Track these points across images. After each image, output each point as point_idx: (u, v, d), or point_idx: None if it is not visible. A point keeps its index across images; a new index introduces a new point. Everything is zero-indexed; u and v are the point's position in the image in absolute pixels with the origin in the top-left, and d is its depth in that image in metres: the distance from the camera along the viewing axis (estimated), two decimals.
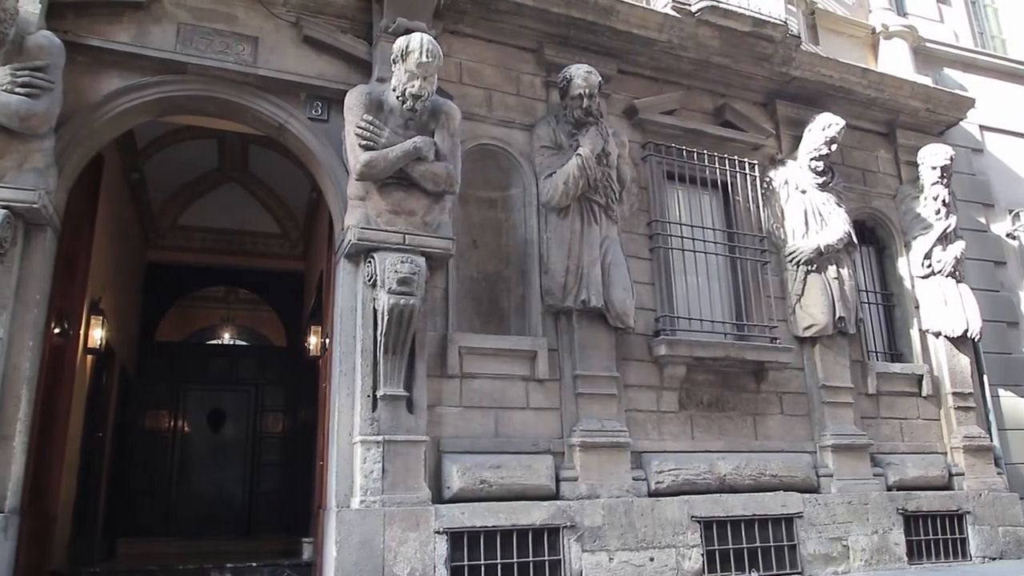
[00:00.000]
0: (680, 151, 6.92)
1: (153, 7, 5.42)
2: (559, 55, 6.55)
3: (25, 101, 4.52)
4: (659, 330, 6.40)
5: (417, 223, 5.41)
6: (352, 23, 5.97)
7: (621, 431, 5.92)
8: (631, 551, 5.63)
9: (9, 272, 4.66)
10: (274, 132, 5.88)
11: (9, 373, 4.62)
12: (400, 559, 4.98)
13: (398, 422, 5.20)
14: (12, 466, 4.55)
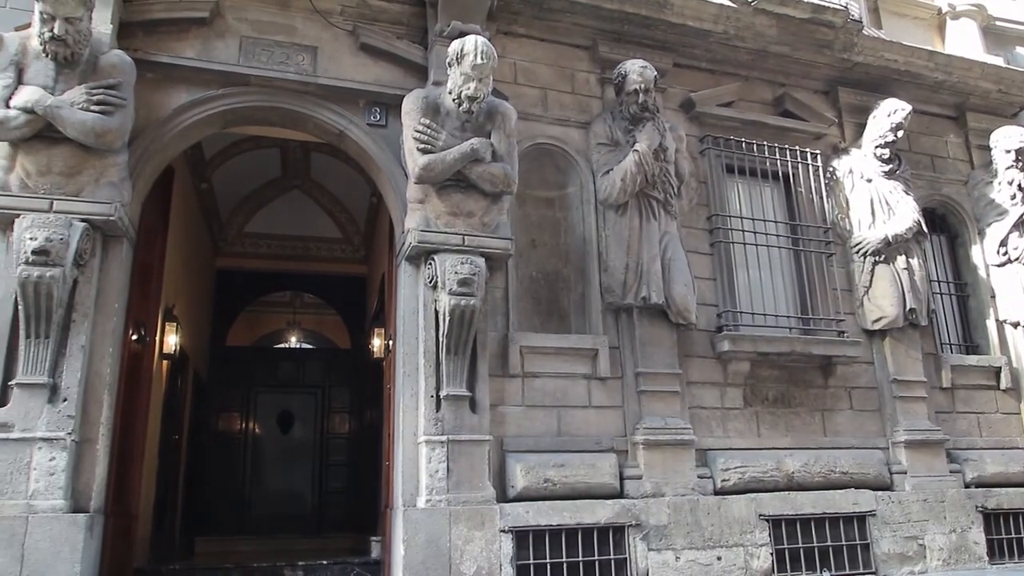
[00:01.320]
0: (739, 143, 6.81)
1: (216, 22, 5.60)
2: (613, 51, 6.52)
3: (100, 118, 4.71)
4: (721, 326, 6.31)
5: (476, 224, 5.46)
6: (407, 29, 6.05)
7: (685, 428, 5.86)
8: (698, 550, 5.57)
9: (89, 283, 4.86)
10: (334, 139, 6.01)
11: (91, 379, 4.82)
12: (467, 557, 5.03)
13: (461, 422, 5.26)
14: (97, 468, 4.76)
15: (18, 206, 4.65)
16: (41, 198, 4.68)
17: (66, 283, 4.64)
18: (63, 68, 4.72)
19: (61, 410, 4.61)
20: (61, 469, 4.52)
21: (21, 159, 4.68)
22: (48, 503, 4.45)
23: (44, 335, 4.60)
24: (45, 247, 4.49)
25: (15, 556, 4.31)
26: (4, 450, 4.45)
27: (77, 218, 4.71)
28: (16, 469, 4.45)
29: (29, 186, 4.69)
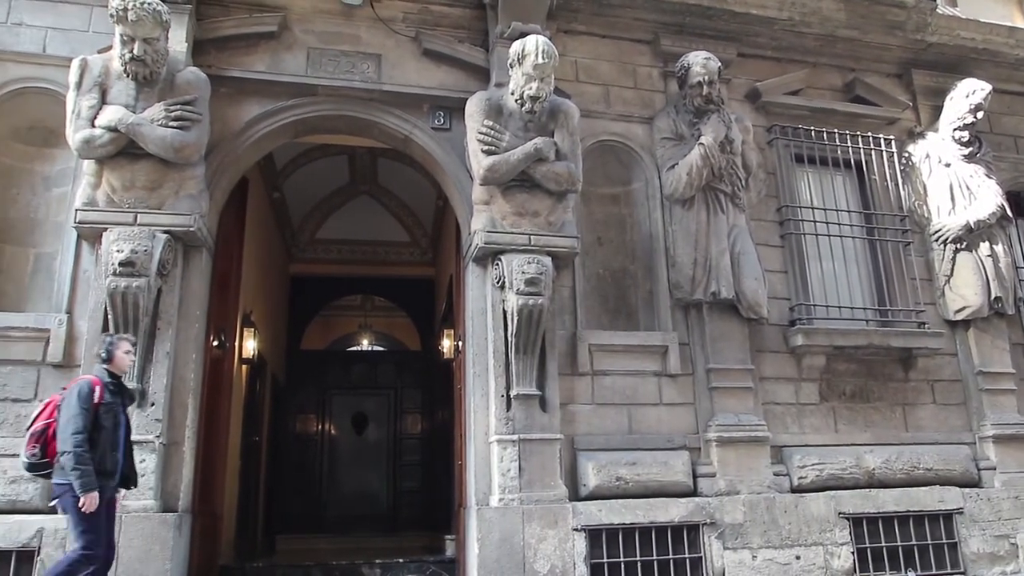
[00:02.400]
0: (808, 132, 6.65)
1: (284, 35, 5.76)
2: (675, 44, 6.45)
3: (178, 133, 4.91)
4: (794, 319, 6.17)
5: (541, 223, 5.48)
6: (468, 32, 6.11)
7: (759, 425, 5.76)
8: (775, 549, 5.46)
9: (172, 291, 5.08)
10: (400, 144, 6.11)
11: (176, 384, 5.03)
12: (540, 556, 5.05)
13: (532, 421, 5.29)
14: (183, 469, 4.97)
15: (105, 220, 4.90)
16: (126, 212, 4.92)
17: (151, 292, 4.86)
18: (143, 87, 4.94)
19: (149, 414, 4.83)
20: (151, 471, 4.73)
21: (107, 175, 4.92)
22: (140, 503, 4.66)
23: None
24: (131, 259, 4.72)
25: None
26: None
27: (159, 230, 4.93)
28: None
29: (115, 201, 4.93)
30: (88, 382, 4.04)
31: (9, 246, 5.24)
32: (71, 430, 3.88)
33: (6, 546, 4.47)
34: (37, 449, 4.01)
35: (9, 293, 5.16)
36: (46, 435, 4.01)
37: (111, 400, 4.08)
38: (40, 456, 4.01)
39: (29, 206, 5.34)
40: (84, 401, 3.95)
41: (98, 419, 3.98)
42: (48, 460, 4.01)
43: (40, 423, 4.04)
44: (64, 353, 4.91)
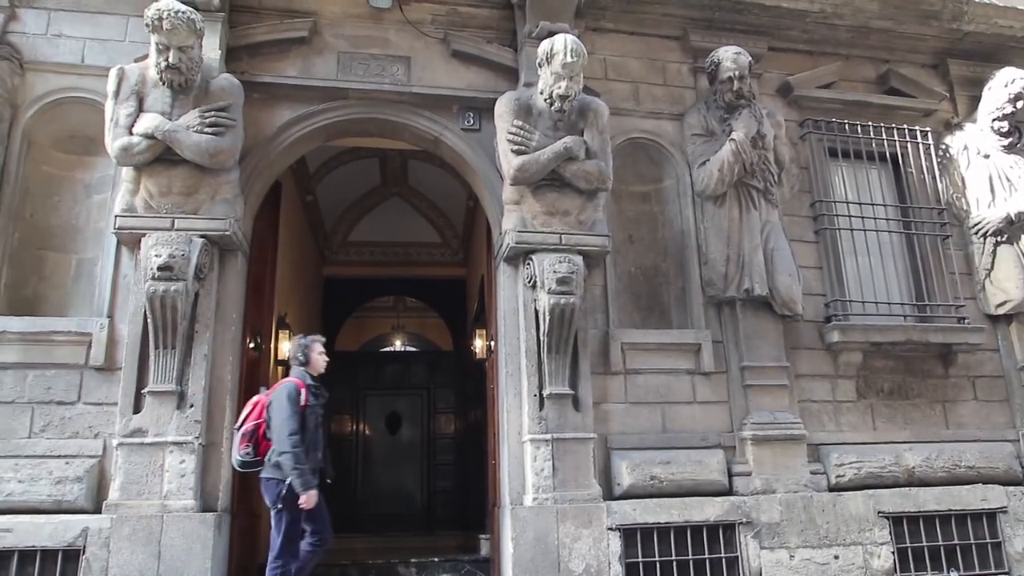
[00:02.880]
0: (842, 125, 6.56)
1: (315, 40, 5.82)
2: (705, 40, 6.40)
3: (213, 139, 4.99)
4: (830, 316, 6.09)
5: (572, 222, 5.48)
6: (496, 32, 6.13)
7: (795, 423, 5.70)
8: (813, 548, 5.40)
9: (209, 295, 5.16)
10: (430, 146, 6.15)
11: (214, 386, 5.11)
12: (575, 555, 5.05)
13: (565, 420, 5.28)
14: (222, 469, 5.04)
15: (144, 226, 4.99)
16: (163, 217, 5.01)
17: (188, 296, 4.95)
18: (178, 94, 5.02)
19: (188, 415, 4.91)
20: (190, 471, 4.81)
21: (144, 181, 5.01)
22: (180, 503, 4.75)
23: (171, 345, 4.91)
24: (169, 263, 4.81)
25: (153, 553, 4.63)
26: (140, 454, 4.79)
27: (196, 234, 5.01)
28: (151, 471, 4.78)
29: (152, 206, 5.02)
30: (294, 385, 4.27)
31: (52, 252, 5.36)
32: (287, 431, 4.11)
33: (53, 545, 4.58)
34: (250, 448, 4.28)
35: (52, 298, 5.28)
36: (257, 435, 4.28)
37: (314, 402, 4.32)
38: (253, 455, 4.28)
39: (70, 213, 5.46)
40: (293, 403, 4.17)
41: (304, 420, 4.21)
42: (259, 458, 4.27)
43: (250, 423, 4.33)
44: (106, 356, 5.02)
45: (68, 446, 4.87)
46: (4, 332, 4.93)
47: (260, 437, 4.25)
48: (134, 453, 4.78)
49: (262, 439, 4.25)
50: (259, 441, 4.26)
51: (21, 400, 4.91)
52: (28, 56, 5.44)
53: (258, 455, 4.29)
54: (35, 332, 4.98)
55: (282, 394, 4.20)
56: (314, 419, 4.30)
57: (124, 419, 4.85)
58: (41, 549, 4.57)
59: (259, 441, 4.26)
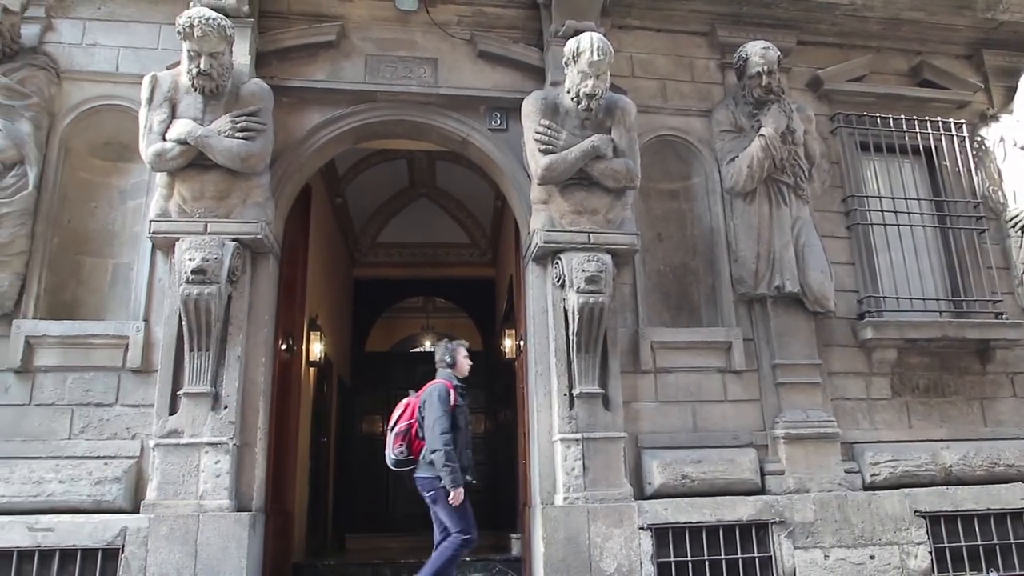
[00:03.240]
0: (873, 119, 6.47)
1: (343, 44, 5.88)
2: (732, 35, 6.35)
3: (244, 144, 5.06)
4: (863, 312, 6.01)
5: (600, 221, 5.47)
6: (522, 32, 6.13)
7: (828, 421, 5.63)
8: (848, 548, 5.33)
9: (242, 297, 5.24)
10: (458, 146, 6.17)
11: (247, 387, 5.19)
12: (606, 555, 5.04)
13: (595, 419, 5.28)
14: (256, 470, 5.11)
15: (178, 230, 5.08)
16: (196, 221, 5.09)
17: (222, 299, 5.02)
18: (209, 100, 5.10)
19: (223, 416, 4.98)
20: (225, 471, 4.89)
21: (178, 186, 5.10)
22: (216, 503, 4.82)
23: (205, 347, 4.99)
24: (202, 266, 4.88)
25: (189, 552, 4.70)
26: (176, 454, 4.87)
27: (228, 238, 5.08)
28: (187, 472, 4.86)
29: (186, 211, 5.11)
30: (444, 387, 4.43)
31: (89, 257, 5.48)
32: (439, 430, 4.27)
33: (93, 544, 4.67)
34: (404, 447, 4.45)
35: (90, 302, 5.40)
36: (410, 435, 4.44)
37: (462, 402, 4.48)
38: (407, 453, 4.45)
39: (107, 218, 5.57)
40: (444, 404, 4.33)
41: (455, 420, 4.36)
42: (413, 457, 4.43)
43: (403, 424, 4.49)
44: (142, 359, 5.11)
45: (107, 447, 4.98)
46: (44, 336, 5.05)
47: (413, 436, 4.41)
48: (170, 454, 4.87)
49: (415, 438, 4.41)
50: (412, 440, 4.42)
51: (61, 402, 5.03)
52: (64, 65, 5.56)
53: (411, 454, 4.42)
54: (74, 335, 5.09)
55: (433, 395, 4.36)
56: (463, 419, 4.47)
57: (160, 420, 4.93)
58: (82, 548, 4.66)
59: (412, 440, 4.42)
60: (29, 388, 5.03)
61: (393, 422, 4.51)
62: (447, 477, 4.22)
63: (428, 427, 4.31)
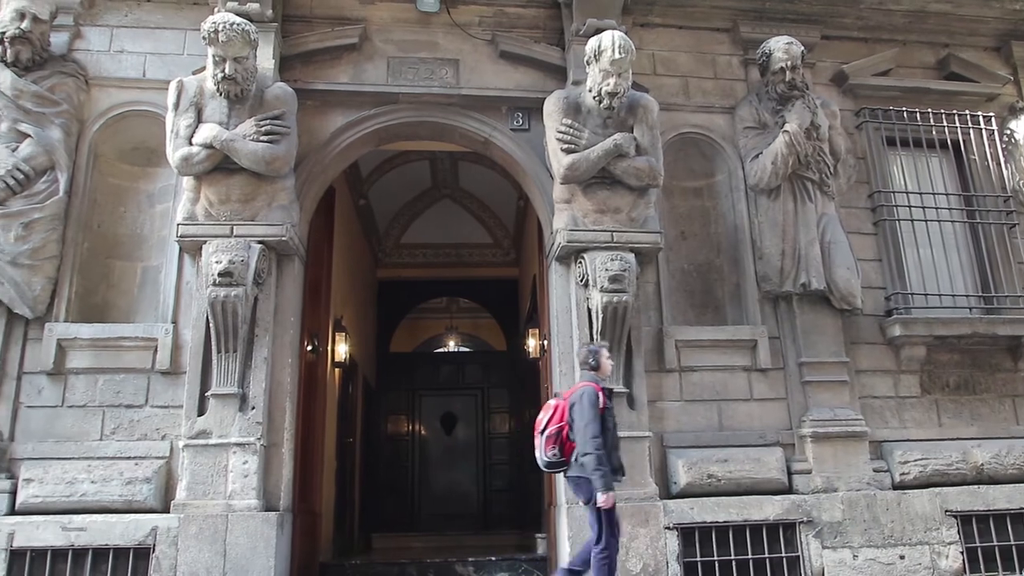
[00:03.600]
0: (900, 113, 6.39)
1: (365, 46, 5.92)
2: (755, 31, 6.31)
3: (269, 147, 5.11)
4: (891, 309, 5.94)
5: (623, 220, 5.45)
6: (544, 32, 6.13)
7: (856, 419, 5.57)
8: (877, 548, 5.27)
9: (268, 299, 5.29)
10: (480, 147, 6.19)
11: (274, 388, 5.24)
12: (632, 554, 5.03)
13: (620, 418, 5.23)
14: (283, 470, 5.16)
15: (204, 233, 5.14)
16: (223, 224, 5.15)
17: (248, 301, 5.08)
18: (234, 104, 5.16)
19: (250, 417, 5.04)
20: (253, 471, 4.94)
21: (204, 190, 5.16)
22: (244, 502, 4.88)
23: (232, 349, 5.05)
24: (229, 269, 4.94)
25: (219, 551, 4.76)
26: (205, 455, 4.93)
27: (254, 240, 5.14)
28: (215, 472, 4.92)
29: (212, 214, 5.17)
30: (593, 389, 4.45)
31: (119, 261, 5.56)
32: (591, 433, 4.31)
33: (124, 543, 4.75)
34: (556, 449, 4.48)
35: (120, 305, 5.48)
36: (561, 437, 4.47)
37: (610, 404, 4.51)
38: (559, 455, 4.48)
39: (135, 222, 5.66)
40: (595, 407, 4.37)
41: (604, 422, 4.40)
42: (564, 459, 4.47)
43: (554, 427, 4.50)
44: (171, 360, 5.19)
45: (137, 448, 5.06)
46: (76, 338, 5.14)
47: (564, 439, 4.46)
48: (199, 454, 4.93)
49: (566, 440, 4.46)
50: (564, 442, 4.48)
51: (93, 404, 5.12)
52: (93, 72, 5.65)
53: (564, 456, 4.49)
54: (104, 338, 5.18)
55: (583, 398, 4.41)
56: (611, 420, 4.52)
57: (189, 421, 5.00)
58: (113, 548, 4.74)
59: (564, 442, 4.48)
60: (61, 390, 5.13)
61: (543, 425, 4.55)
62: (598, 481, 4.26)
63: (578, 429, 4.38)
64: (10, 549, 4.65)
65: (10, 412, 5.04)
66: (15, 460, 4.97)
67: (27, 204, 5.15)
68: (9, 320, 5.14)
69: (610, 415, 4.51)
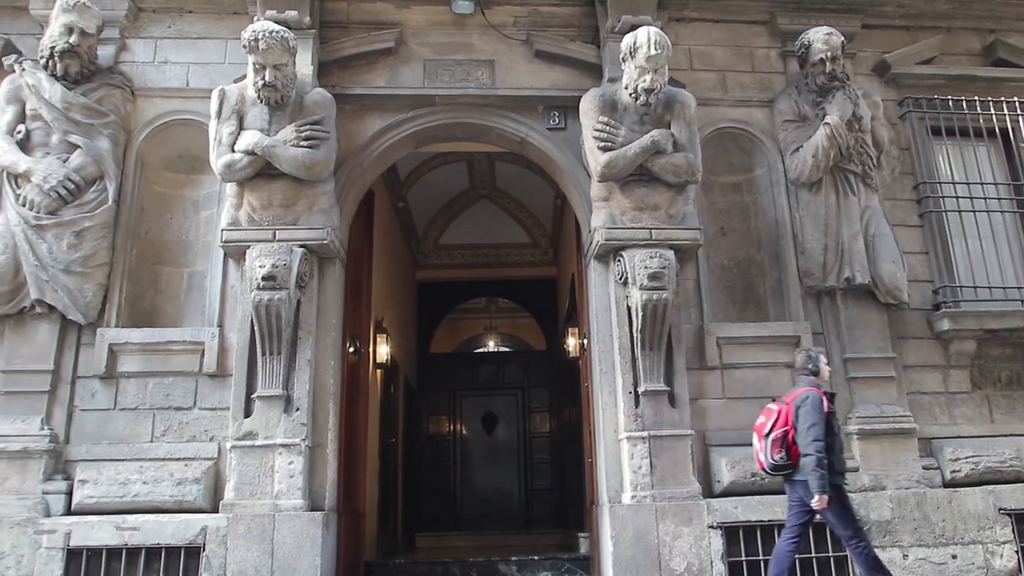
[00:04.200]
0: (945, 102, 6.25)
1: (401, 50, 5.97)
2: (793, 22, 6.22)
3: (309, 152, 5.18)
4: (939, 303, 5.81)
5: (662, 217, 5.42)
6: (578, 30, 6.12)
7: (904, 416, 5.46)
8: (928, 547, 5.17)
9: (311, 302, 5.37)
10: (516, 147, 6.20)
11: (317, 390, 5.32)
12: (675, 553, 5.00)
13: (661, 417, 5.23)
14: (328, 470, 5.24)
15: (248, 238, 5.23)
16: (265, 229, 5.24)
17: (291, 304, 5.16)
18: (275, 111, 5.25)
19: (295, 419, 5.12)
20: (299, 472, 5.02)
21: (247, 196, 5.26)
22: (290, 502, 4.96)
23: (277, 351, 5.14)
24: (272, 273, 5.02)
25: (266, 550, 4.85)
26: (252, 456, 5.02)
27: (296, 244, 5.22)
28: (262, 472, 5.01)
29: (255, 219, 5.26)
30: (818, 394, 4.55)
31: (166, 267, 5.70)
32: (812, 437, 4.41)
33: (176, 543, 4.86)
34: (783, 452, 4.55)
35: (167, 310, 5.61)
36: (787, 440, 4.55)
37: (833, 408, 4.60)
38: (786, 458, 4.55)
39: (181, 229, 5.78)
40: (819, 411, 4.47)
41: (830, 426, 4.51)
42: (791, 462, 4.54)
43: (779, 431, 4.58)
44: (218, 363, 5.29)
45: (186, 449, 5.17)
46: (126, 343, 5.27)
47: (790, 442, 4.54)
48: (246, 455, 5.02)
49: (792, 444, 4.54)
50: (789, 446, 4.55)
51: (143, 407, 5.25)
52: (138, 83, 5.79)
53: (790, 459, 4.56)
54: (154, 342, 5.31)
55: (808, 402, 4.49)
56: (836, 424, 4.60)
57: (236, 423, 5.09)
58: (165, 547, 4.85)
59: (789, 446, 4.55)
60: (114, 393, 5.27)
61: (767, 428, 4.61)
62: (815, 482, 4.33)
63: (802, 432, 4.46)
64: (67, 548, 4.79)
65: (65, 415, 5.19)
66: (70, 462, 5.12)
67: (78, 213, 5.30)
68: (63, 326, 5.29)
69: (835, 419, 4.58)
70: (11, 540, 4.79)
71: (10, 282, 5.16)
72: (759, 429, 4.65)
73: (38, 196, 5.21)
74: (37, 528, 4.81)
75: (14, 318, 5.25)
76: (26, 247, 5.17)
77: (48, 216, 5.22)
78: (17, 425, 5.05)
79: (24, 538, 4.79)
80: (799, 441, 4.46)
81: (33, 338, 5.24)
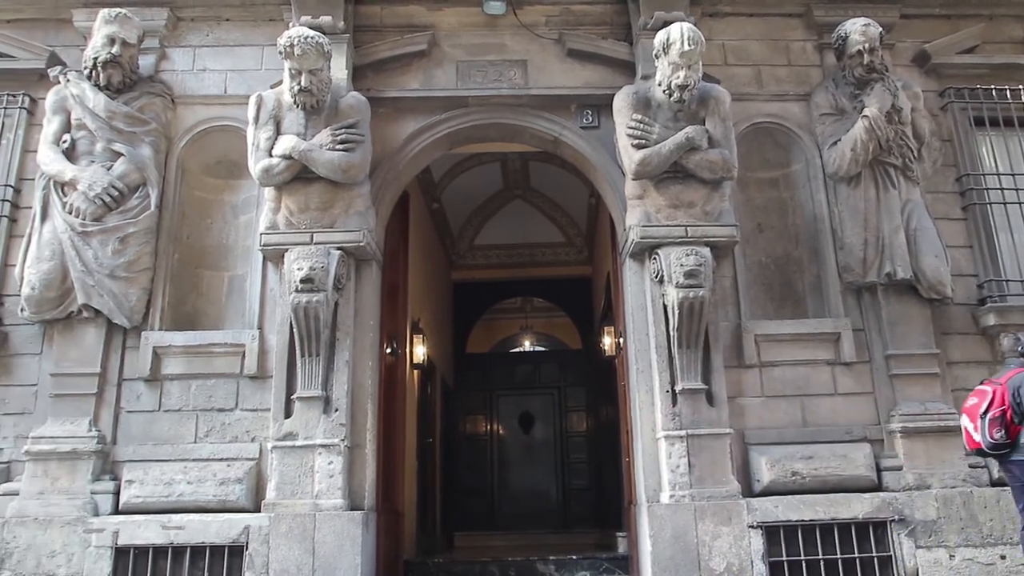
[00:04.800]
0: (988, 92, 6.10)
1: (434, 52, 6.00)
2: (829, 14, 6.12)
3: (344, 155, 5.24)
4: (984, 297, 5.68)
5: (697, 214, 5.37)
6: (611, 28, 6.10)
7: (949, 413, 5.35)
8: (975, 548, 5.05)
9: (348, 304, 5.43)
10: (550, 146, 6.20)
11: (356, 391, 5.37)
12: (715, 553, 4.96)
13: (699, 416, 5.19)
14: (367, 470, 5.29)
15: (286, 241, 5.31)
16: (303, 232, 5.30)
17: (329, 306, 5.22)
18: (311, 115, 5.31)
19: (334, 419, 5.18)
20: (338, 472, 5.08)
21: (285, 200, 5.33)
22: (330, 502, 5.02)
23: (315, 353, 5.20)
24: (310, 275, 5.09)
25: (307, 549, 4.91)
26: (292, 456, 5.10)
27: (333, 247, 5.28)
28: (302, 473, 5.08)
29: (293, 223, 5.33)
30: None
31: (207, 271, 5.80)
32: None
33: (219, 542, 4.95)
34: (1003, 431, 4.54)
35: (209, 313, 5.71)
36: (1005, 420, 4.54)
37: None
38: (1006, 437, 4.53)
39: (221, 233, 5.89)
40: None
41: None
42: (1011, 440, 4.53)
43: (996, 410, 4.56)
44: (258, 365, 5.38)
45: (229, 450, 5.27)
46: (170, 346, 5.39)
47: (1009, 421, 4.54)
48: (287, 455, 5.10)
49: (1011, 423, 4.54)
50: (1008, 425, 4.55)
51: (187, 408, 5.35)
52: (178, 91, 5.91)
53: (1009, 438, 4.54)
54: (196, 345, 5.41)
55: None
56: None
57: (276, 424, 5.17)
58: (210, 545, 4.94)
59: (1008, 425, 4.55)
60: (158, 395, 5.38)
61: (983, 408, 4.58)
62: None
63: None
64: (115, 547, 4.91)
65: (112, 417, 5.31)
66: (117, 462, 5.24)
67: (122, 219, 5.42)
68: (109, 330, 5.42)
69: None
70: (62, 539, 4.92)
71: (58, 288, 5.29)
72: (972, 410, 4.59)
73: (84, 203, 5.34)
74: (86, 527, 4.94)
75: (62, 322, 5.38)
76: (73, 253, 5.31)
77: (93, 223, 5.35)
78: (66, 427, 5.19)
79: (74, 537, 4.92)
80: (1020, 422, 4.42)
81: (80, 342, 5.38)
